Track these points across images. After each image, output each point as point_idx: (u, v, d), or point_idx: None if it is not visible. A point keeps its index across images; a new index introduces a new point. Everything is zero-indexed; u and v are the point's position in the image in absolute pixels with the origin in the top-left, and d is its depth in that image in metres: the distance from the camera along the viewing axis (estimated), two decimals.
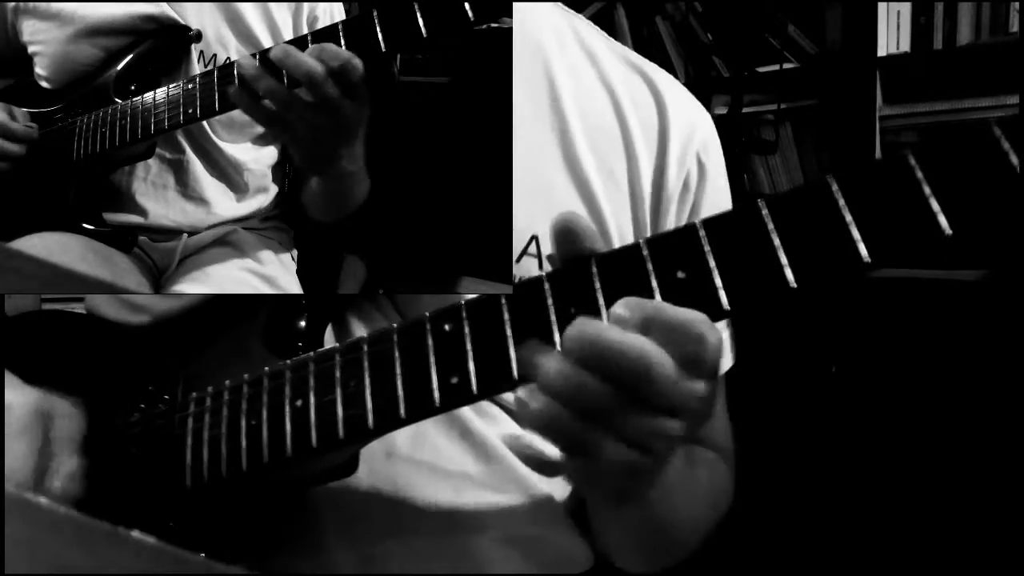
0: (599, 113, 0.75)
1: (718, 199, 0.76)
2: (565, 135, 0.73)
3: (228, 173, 0.87)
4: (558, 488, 0.76)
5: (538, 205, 0.71)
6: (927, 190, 0.42)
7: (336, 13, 0.87)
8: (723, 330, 0.73)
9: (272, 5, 0.84)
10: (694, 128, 0.76)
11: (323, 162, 0.73)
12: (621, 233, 0.73)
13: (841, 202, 0.43)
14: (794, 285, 0.44)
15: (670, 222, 0.74)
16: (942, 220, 0.41)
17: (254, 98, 0.68)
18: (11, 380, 0.62)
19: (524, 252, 0.71)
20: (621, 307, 0.45)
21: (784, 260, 0.44)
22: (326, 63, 0.65)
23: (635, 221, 0.74)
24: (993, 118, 0.41)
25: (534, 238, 0.71)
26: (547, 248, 0.71)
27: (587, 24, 0.81)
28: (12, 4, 0.86)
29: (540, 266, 0.71)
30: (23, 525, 0.33)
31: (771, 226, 0.45)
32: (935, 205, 0.41)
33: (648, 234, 0.74)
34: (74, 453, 0.61)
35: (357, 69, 0.65)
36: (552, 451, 0.74)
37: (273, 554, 0.66)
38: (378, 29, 0.66)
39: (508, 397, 0.70)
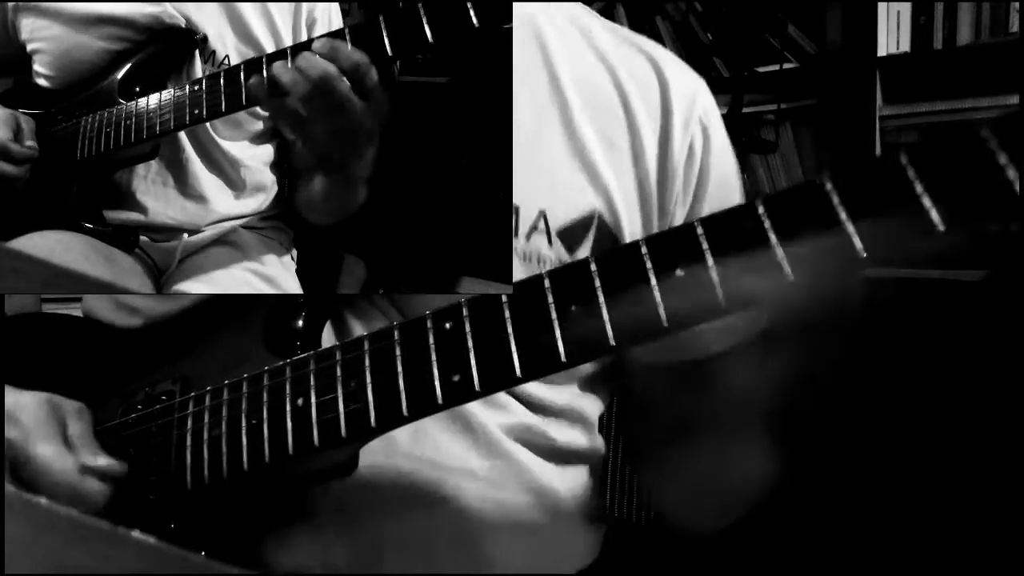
0: (599, 90, 0.75)
1: (724, 163, 0.78)
2: (566, 114, 0.74)
3: (225, 170, 0.87)
4: (562, 483, 0.76)
5: (543, 183, 0.72)
6: (919, 188, 0.43)
7: (334, 14, 0.87)
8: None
9: (272, 5, 0.84)
10: (695, 95, 0.77)
11: (333, 163, 0.74)
12: (627, 203, 0.74)
13: (835, 200, 0.44)
14: (792, 280, 0.45)
15: (677, 188, 0.75)
16: (934, 217, 0.42)
17: (274, 94, 0.69)
18: (8, 388, 0.62)
19: (533, 228, 0.72)
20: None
21: (781, 256, 0.45)
22: (339, 62, 0.66)
23: (640, 191, 0.75)
24: (982, 118, 0.42)
25: (542, 213, 0.72)
26: (555, 223, 0.72)
27: (581, 7, 0.81)
28: (11, 3, 0.86)
29: (549, 241, 0.72)
30: (23, 525, 0.34)
31: (767, 224, 0.45)
32: (927, 203, 0.42)
33: (655, 202, 0.75)
34: (98, 449, 0.61)
35: (369, 69, 0.66)
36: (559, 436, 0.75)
37: (273, 553, 0.66)
38: (385, 35, 0.67)
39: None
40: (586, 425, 0.80)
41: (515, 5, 0.74)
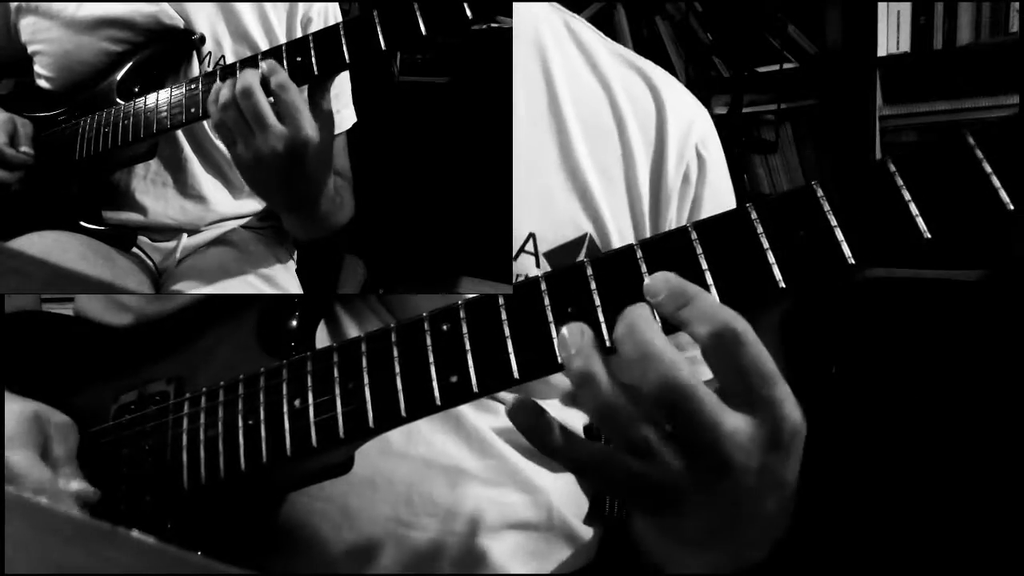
0: (595, 111, 0.75)
1: (720, 192, 0.77)
2: (562, 134, 0.74)
3: (224, 170, 0.87)
4: (555, 484, 0.76)
5: (535, 203, 0.72)
6: (907, 195, 0.43)
7: (331, 14, 0.87)
8: None
9: (267, 5, 0.84)
10: (692, 123, 0.76)
11: (269, 194, 0.74)
12: (620, 229, 0.74)
13: (826, 207, 0.45)
14: (783, 285, 0.45)
15: (671, 216, 0.75)
16: (921, 224, 0.43)
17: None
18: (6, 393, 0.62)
19: (522, 249, 0.72)
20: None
21: (772, 261, 0.45)
22: (267, 82, 0.66)
23: (633, 217, 0.75)
24: (966, 128, 0.43)
25: (531, 236, 0.72)
26: (544, 246, 0.72)
27: (582, 22, 0.81)
28: (13, 4, 0.86)
29: (537, 263, 0.72)
30: (23, 525, 0.34)
31: (760, 229, 0.46)
32: (914, 209, 0.43)
33: (647, 229, 0.75)
34: (77, 472, 0.61)
35: (287, 91, 0.65)
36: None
37: (269, 553, 0.66)
38: (378, 28, 0.67)
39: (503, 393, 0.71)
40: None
41: (519, 23, 0.74)
